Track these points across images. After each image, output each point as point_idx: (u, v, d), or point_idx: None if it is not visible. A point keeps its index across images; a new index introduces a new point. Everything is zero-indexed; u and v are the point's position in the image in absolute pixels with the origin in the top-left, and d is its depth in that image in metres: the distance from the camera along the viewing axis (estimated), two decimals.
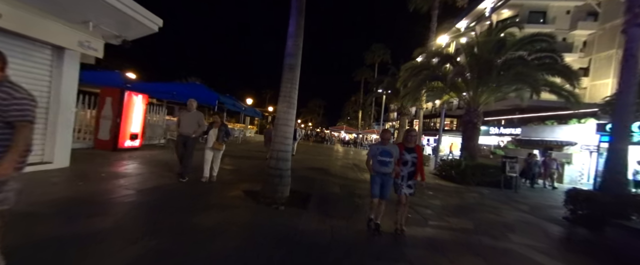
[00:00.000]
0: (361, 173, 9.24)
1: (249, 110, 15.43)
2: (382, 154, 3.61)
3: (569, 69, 7.98)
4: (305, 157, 12.71)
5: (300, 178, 6.83)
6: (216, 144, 5.14)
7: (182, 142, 5.08)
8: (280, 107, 4.61)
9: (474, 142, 10.62)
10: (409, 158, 3.72)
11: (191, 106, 5.28)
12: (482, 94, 10.08)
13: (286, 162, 4.63)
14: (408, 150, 3.76)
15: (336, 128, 39.72)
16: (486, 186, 9.35)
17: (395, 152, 3.64)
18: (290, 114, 4.64)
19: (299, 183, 6.08)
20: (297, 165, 9.14)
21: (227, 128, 5.34)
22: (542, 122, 15.37)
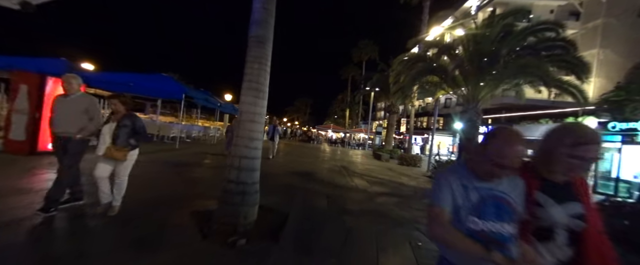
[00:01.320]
0: (351, 178, 8.07)
1: (227, 107, 13.91)
2: (485, 207, 1.13)
3: (581, 61, 7.17)
4: (288, 158, 11.42)
5: (278, 188, 5.56)
6: (113, 150, 3.04)
7: (62, 148, 3.11)
8: (245, 97, 3.32)
9: (472, 141, 9.70)
10: (562, 218, 1.19)
11: (70, 86, 3.17)
12: (483, 89, 9.16)
13: (252, 172, 3.35)
14: (553, 191, 1.23)
15: (323, 127, 38.56)
16: None
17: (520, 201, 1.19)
18: (258, 105, 3.36)
19: (275, 195, 4.80)
20: (277, 170, 7.91)
21: (136, 123, 3.20)
22: (536, 120, 14.84)
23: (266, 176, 7.04)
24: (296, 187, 5.89)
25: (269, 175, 6.77)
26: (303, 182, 6.57)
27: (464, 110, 9.88)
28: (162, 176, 5.39)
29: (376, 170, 10.92)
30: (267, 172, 7.12)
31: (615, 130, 9.58)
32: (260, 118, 3.39)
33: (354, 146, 30.64)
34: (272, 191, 5.20)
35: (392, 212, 4.85)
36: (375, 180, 8.41)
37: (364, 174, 9.49)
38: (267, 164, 8.25)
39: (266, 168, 8.09)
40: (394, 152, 18.79)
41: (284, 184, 6.07)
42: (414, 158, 14.94)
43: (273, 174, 7.19)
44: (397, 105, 20.35)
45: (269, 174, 6.99)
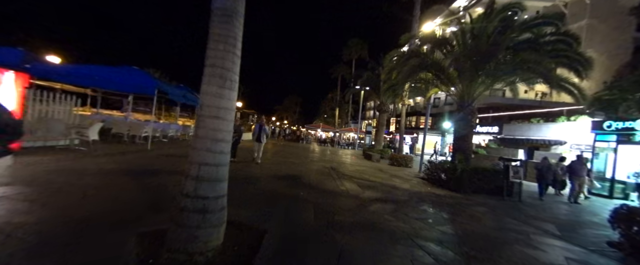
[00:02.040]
0: (341, 181, 7.42)
1: None
2: None
3: (583, 57, 6.80)
4: (274, 160, 10.67)
5: (258, 197, 4.83)
6: None
7: None
8: (207, 87, 2.59)
9: (469, 142, 9.28)
10: None
11: None
12: (479, 86, 8.73)
13: (216, 184, 2.62)
14: None
15: (312, 126, 37.85)
16: (486, 194, 8.01)
17: None
18: (225, 97, 2.63)
19: (253, 207, 4.08)
20: (259, 173, 7.09)
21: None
22: (526, 120, 14.70)
23: (245, 182, 6.16)
24: (279, 195, 5.17)
25: (249, 181, 6.03)
26: (288, 188, 5.86)
27: (458, 109, 9.43)
28: (113, 185, 4.51)
29: (367, 172, 10.34)
30: (247, 177, 6.40)
31: (610, 130, 9.38)
32: (227, 114, 2.66)
33: (343, 146, 30.10)
34: (250, 201, 4.47)
35: (388, 224, 4.22)
36: (366, 183, 7.80)
37: (355, 176, 8.88)
38: (249, 168, 7.48)
39: (247, 172, 7.19)
40: (385, 151, 18.32)
41: (265, 191, 5.34)
42: (405, 158, 14.48)
43: (254, 178, 6.45)
44: (388, 104, 19.91)
45: (249, 178, 6.26)
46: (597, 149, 9.81)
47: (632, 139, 8.82)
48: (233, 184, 5.77)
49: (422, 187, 8.44)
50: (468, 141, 9.28)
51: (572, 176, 8.12)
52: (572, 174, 8.13)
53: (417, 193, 7.23)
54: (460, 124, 9.32)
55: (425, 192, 7.55)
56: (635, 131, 8.65)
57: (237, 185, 5.33)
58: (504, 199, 7.58)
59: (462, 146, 9.24)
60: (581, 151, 11.24)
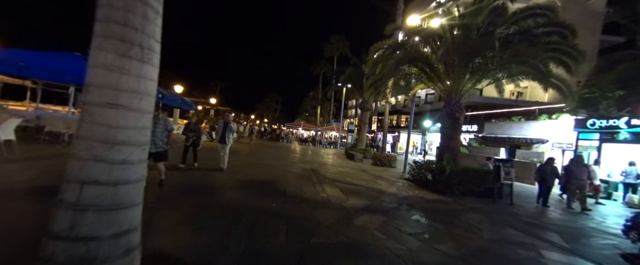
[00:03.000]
0: (322, 187, 6.53)
1: (171, 99, 11.56)
2: None
3: (577, 50, 6.41)
4: (248, 162, 9.58)
5: (217, 214, 3.81)
6: None
7: None
8: (97, 55, 1.59)
9: (457, 141, 8.76)
10: None
11: None
12: (468, 81, 8.21)
13: (116, 213, 1.62)
14: None
15: (293, 124, 36.75)
16: (475, 197, 7.49)
17: None
18: (131, 74, 1.64)
19: (206, 231, 3.10)
20: (226, 180, 5.88)
21: None
22: (508, 118, 14.65)
23: (204, 194, 4.88)
24: (245, 209, 4.19)
25: (209, 192, 4.97)
26: (257, 199, 4.88)
27: (445, 106, 8.89)
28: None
29: (350, 174, 9.56)
30: (207, 187, 5.26)
31: (594, 128, 9.28)
32: (134, 100, 1.67)
33: (325, 145, 29.34)
34: (203, 223, 3.46)
35: (378, 244, 3.40)
36: (350, 187, 6.99)
37: (337, 179, 8.04)
38: (211, 176, 6.31)
39: (207, 181, 5.75)
40: (367, 151, 17.74)
41: (228, 206, 4.33)
42: (389, 158, 13.90)
43: (216, 188, 5.39)
44: (370, 102, 19.37)
45: (209, 189, 5.17)
46: (579, 148, 9.72)
47: (616, 137, 8.74)
48: (184, 198, 4.49)
49: (409, 190, 7.78)
50: (456, 140, 8.75)
51: (569, 179, 7.32)
52: (569, 176, 7.33)
53: (406, 198, 6.52)
54: (448, 122, 8.78)
55: (414, 196, 6.87)
56: (620, 129, 8.56)
57: (189, 200, 4.29)
58: (495, 202, 7.08)
59: (449, 145, 8.70)
60: (563, 150, 11.21)
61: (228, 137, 6.94)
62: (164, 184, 4.70)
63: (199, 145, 7.07)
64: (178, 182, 5.22)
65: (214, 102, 24.73)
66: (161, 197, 4.16)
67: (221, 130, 7.00)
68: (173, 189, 4.73)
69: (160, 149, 4.54)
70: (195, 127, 7.07)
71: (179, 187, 4.96)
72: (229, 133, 6.97)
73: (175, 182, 5.14)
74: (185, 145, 6.83)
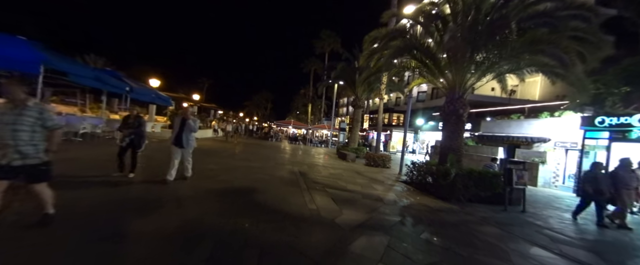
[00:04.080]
0: (311, 195, 5.54)
1: (142, 93, 10.32)
2: None
3: (602, 38, 5.62)
4: (228, 165, 8.48)
5: (165, 234, 2.73)
6: None
7: None
8: None
9: (460, 140, 7.94)
10: None
11: None
12: (474, 74, 7.39)
13: None
14: None
15: (283, 123, 35.60)
16: (483, 203, 6.69)
17: None
18: None
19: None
20: (191, 190, 4.62)
21: None
22: (506, 116, 14.04)
23: (149, 211, 3.52)
24: (205, 231, 3.16)
25: (156, 209, 3.87)
26: (227, 215, 3.85)
27: (447, 102, 8.05)
28: None
29: (343, 177, 8.62)
30: (157, 202, 4.01)
31: (603, 126, 8.65)
32: None
33: (316, 144, 28.37)
34: (133, 253, 2.41)
35: None
36: (343, 195, 6.04)
37: (329, 184, 7.09)
38: (167, 186, 5.13)
39: (158, 194, 4.31)
40: (360, 150, 16.89)
41: (180, 228, 3.28)
42: (383, 158, 13.08)
43: (171, 202, 4.33)
44: (363, 99, 18.51)
45: (157, 205, 4.00)
46: (586, 147, 9.12)
47: (628, 136, 8.13)
48: (125, 215, 3.25)
49: (409, 196, 6.90)
50: (459, 139, 7.94)
51: (619, 188, 5.67)
52: (619, 185, 5.69)
53: (408, 208, 5.62)
54: (450, 120, 7.95)
55: (416, 205, 5.98)
56: (632, 127, 7.95)
57: (109, 230, 3.22)
58: (507, 210, 6.28)
59: (452, 145, 7.87)
60: (566, 149, 10.63)
61: (188, 139, 5.19)
62: (50, 221, 2.77)
63: (141, 147, 5.29)
64: (98, 205, 3.54)
65: (197, 99, 23.24)
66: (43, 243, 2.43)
67: (177, 130, 5.16)
68: (80, 219, 3.03)
69: (33, 161, 2.54)
70: (136, 121, 5.21)
71: (95, 213, 3.26)
72: (188, 133, 5.17)
73: (93, 206, 3.47)
74: (120, 147, 5.16)
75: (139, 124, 5.24)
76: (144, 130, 5.33)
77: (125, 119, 5.36)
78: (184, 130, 5.13)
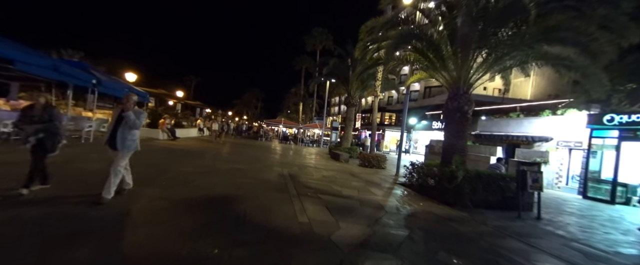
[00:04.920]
0: (302, 202, 4.71)
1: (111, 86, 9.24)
2: None
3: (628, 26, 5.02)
4: (208, 167, 7.53)
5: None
6: None
7: None
8: None
9: (465, 140, 7.29)
10: None
11: None
12: (480, 66, 6.75)
13: None
14: None
15: (273, 121, 34.57)
16: (491, 209, 6.04)
17: None
18: None
19: None
20: (153, 202, 3.56)
21: None
22: (504, 114, 13.59)
23: (76, 240, 2.38)
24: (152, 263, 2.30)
25: (106, 225, 2.95)
26: (193, 237, 2.98)
27: (451, 98, 7.38)
28: None
29: (337, 180, 7.84)
30: (106, 216, 2.98)
31: (611, 125, 8.18)
32: None
33: (307, 143, 27.52)
34: None
35: None
36: (339, 202, 5.25)
37: (322, 189, 6.28)
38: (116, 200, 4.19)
39: (109, 207, 3.15)
40: (353, 150, 16.17)
41: (124, 259, 2.40)
42: (378, 158, 12.37)
43: (132, 214, 3.43)
44: (356, 97, 17.81)
45: (110, 219, 3.07)
46: (593, 147, 8.65)
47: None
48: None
49: (411, 201, 6.18)
50: (464, 139, 7.28)
51: None
52: None
53: (413, 217, 4.88)
54: (454, 117, 7.28)
55: (421, 212, 5.26)
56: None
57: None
58: (521, 216, 5.62)
59: (456, 145, 7.20)
60: (570, 149, 10.19)
61: (125, 138, 3.66)
62: None
63: (54, 151, 3.73)
64: None
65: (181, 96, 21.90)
66: None
67: (112, 126, 3.73)
68: None
69: None
70: (46, 114, 3.59)
71: None
72: (126, 131, 3.67)
73: None
74: (33, 151, 3.57)
75: (49, 117, 3.60)
76: (58, 126, 3.72)
77: (26, 110, 3.66)
78: (118, 126, 3.66)
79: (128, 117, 3.62)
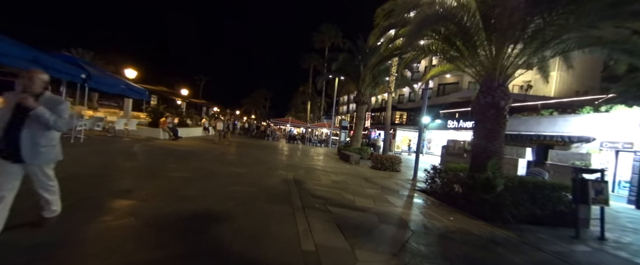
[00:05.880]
0: (307, 217, 3.76)
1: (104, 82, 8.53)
2: None
3: None
4: (204, 170, 6.66)
5: None
6: None
7: None
8: None
9: (501, 141, 6.18)
10: None
11: None
12: (523, 52, 5.66)
13: None
14: None
15: (281, 120, 33.79)
16: (538, 225, 4.97)
17: None
18: None
19: None
20: (132, 212, 2.78)
21: None
22: (535, 112, 12.27)
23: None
24: None
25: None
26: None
27: (482, 92, 6.29)
28: None
29: (348, 186, 6.87)
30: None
31: None
32: None
33: (315, 143, 26.61)
34: None
35: None
36: (353, 217, 4.28)
37: (331, 198, 5.32)
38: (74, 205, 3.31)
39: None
40: (364, 150, 15.18)
41: None
42: (392, 160, 11.32)
43: (89, 237, 2.56)
44: (367, 95, 16.74)
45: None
46: None
47: None
48: None
49: (437, 213, 5.15)
50: (500, 139, 6.19)
51: None
52: None
53: (448, 239, 3.87)
54: (487, 114, 6.19)
55: (455, 231, 4.24)
56: None
57: None
58: (579, 236, 4.52)
59: (490, 147, 6.11)
60: (617, 151, 8.89)
61: (35, 143, 2.32)
62: None
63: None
64: None
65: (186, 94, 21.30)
66: None
67: (5, 124, 2.26)
68: None
69: None
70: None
71: None
72: (34, 131, 2.32)
73: None
74: None
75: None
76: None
77: None
78: (23, 124, 2.28)
79: (37, 114, 2.24)
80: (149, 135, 12.25)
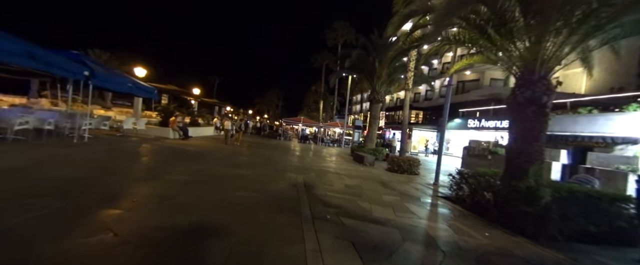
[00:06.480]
0: (318, 238, 3.16)
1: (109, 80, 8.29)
2: None
3: None
4: (208, 172, 6.21)
5: None
6: None
7: None
8: None
9: (541, 143, 5.35)
10: None
11: None
12: (568, 39, 4.84)
13: None
14: None
15: (293, 120, 33.43)
16: (591, 244, 4.17)
17: None
18: None
19: None
20: (109, 228, 2.20)
21: None
22: (571, 110, 11.12)
23: None
24: None
25: None
26: None
27: (520, 87, 5.49)
28: None
29: (364, 191, 6.23)
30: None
31: None
32: None
33: (328, 143, 26.02)
34: None
35: None
36: (369, 232, 3.64)
37: (345, 207, 4.71)
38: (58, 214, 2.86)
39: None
40: (379, 151, 14.44)
41: None
42: (410, 162, 10.54)
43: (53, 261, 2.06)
44: (382, 93, 15.96)
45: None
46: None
47: None
48: None
49: (469, 227, 4.42)
50: (541, 141, 5.35)
51: None
52: None
53: (485, 262, 3.17)
54: (526, 112, 5.37)
55: (495, 252, 3.53)
56: None
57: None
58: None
59: (529, 151, 5.28)
60: None
61: None
62: None
63: None
64: None
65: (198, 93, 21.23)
66: None
67: None
68: None
69: None
70: None
71: None
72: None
73: None
74: None
75: None
76: None
77: None
78: None
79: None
80: (158, 135, 12.07)
